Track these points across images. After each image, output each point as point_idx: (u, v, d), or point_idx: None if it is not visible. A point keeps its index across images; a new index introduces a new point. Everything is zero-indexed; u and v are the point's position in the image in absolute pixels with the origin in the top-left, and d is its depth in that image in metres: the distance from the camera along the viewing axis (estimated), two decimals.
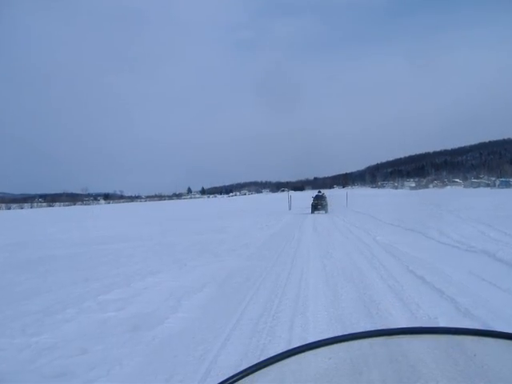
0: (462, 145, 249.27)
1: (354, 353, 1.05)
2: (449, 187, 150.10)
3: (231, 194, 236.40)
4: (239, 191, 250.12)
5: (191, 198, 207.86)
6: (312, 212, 30.22)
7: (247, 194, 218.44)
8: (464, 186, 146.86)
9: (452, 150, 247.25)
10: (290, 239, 14.31)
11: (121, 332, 5.14)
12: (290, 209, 37.18)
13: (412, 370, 1.04)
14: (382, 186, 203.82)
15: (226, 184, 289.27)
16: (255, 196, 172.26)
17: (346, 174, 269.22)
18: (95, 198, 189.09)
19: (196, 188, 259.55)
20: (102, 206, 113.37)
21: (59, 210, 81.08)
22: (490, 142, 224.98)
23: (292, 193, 62.82)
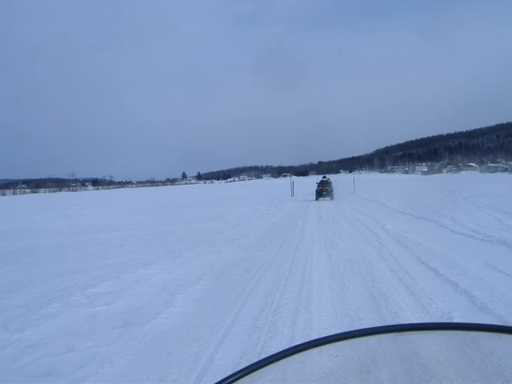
0: (478, 126, 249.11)
1: (361, 350, 1.04)
2: (463, 172, 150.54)
3: (229, 179, 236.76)
4: (238, 176, 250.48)
5: (186, 183, 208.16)
6: (316, 199, 30.26)
7: (246, 180, 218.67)
8: (480, 171, 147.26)
9: (467, 132, 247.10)
10: (293, 228, 14.34)
11: (110, 328, 5.16)
12: (292, 195, 37.23)
13: (424, 369, 1.02)
14: (392, 171, 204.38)
15: (224, 169, 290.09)
16: (255, 181, 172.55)
17: (353, 157, 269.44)
18: (83, 183, 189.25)
19: (191, 173, 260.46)
20: (91, 193, 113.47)
21: (44, 197, 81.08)
22: (507, 123, 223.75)
23: (295, 178, 63.08)
